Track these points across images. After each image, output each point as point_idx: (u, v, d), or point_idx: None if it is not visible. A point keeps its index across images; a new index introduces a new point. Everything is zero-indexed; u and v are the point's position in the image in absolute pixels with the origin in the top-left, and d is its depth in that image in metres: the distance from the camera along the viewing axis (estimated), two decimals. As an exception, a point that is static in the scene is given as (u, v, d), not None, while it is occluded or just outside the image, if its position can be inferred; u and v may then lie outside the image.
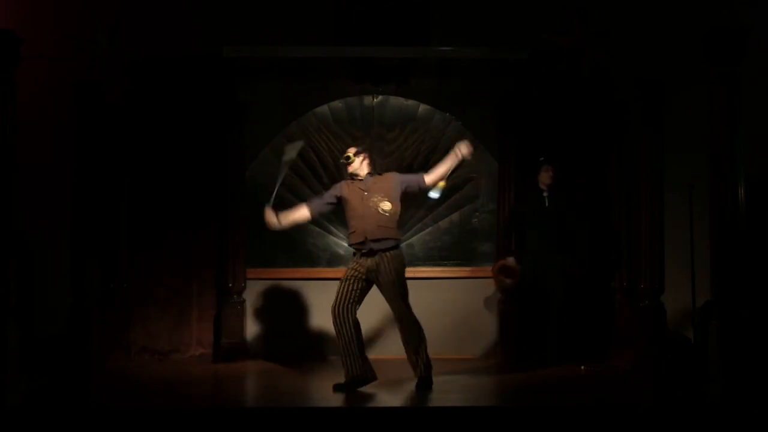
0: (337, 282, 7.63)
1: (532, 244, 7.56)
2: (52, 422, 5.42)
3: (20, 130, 6.20)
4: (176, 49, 7.86)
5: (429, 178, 6.41)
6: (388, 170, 6.77)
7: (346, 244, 8.10)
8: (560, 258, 7.47)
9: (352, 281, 6.32)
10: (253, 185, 8.07)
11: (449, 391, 6.39)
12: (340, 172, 8.13)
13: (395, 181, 6.44)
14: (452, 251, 8.18)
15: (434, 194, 6.38)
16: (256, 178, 8.09)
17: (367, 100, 8.23)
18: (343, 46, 7.96)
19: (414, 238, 8.19)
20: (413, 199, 6.94)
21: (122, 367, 7.38)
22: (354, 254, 6.48)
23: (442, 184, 6.35)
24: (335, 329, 6.31)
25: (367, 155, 6.51)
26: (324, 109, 8.19)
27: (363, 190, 6.39)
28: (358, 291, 6.33)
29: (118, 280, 7.71)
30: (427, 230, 8.20)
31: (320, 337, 7.98)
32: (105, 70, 7.56)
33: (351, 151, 6.51)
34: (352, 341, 6.27)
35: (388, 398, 6.30)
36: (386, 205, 6.33)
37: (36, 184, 7.45)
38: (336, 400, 6.21)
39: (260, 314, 8.02)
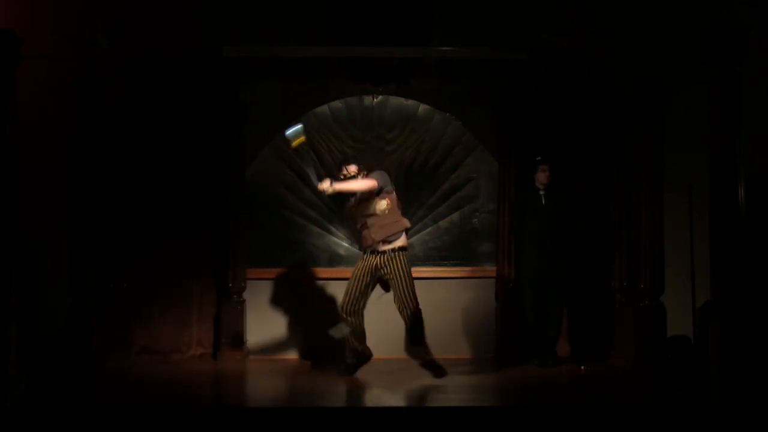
0: (334, 281, 7.74)
1: (530, 244, 7.57)
2: (52, 422, 5.42)
3: (20, 130, 6.20)
4: (176, 49, 7.86)
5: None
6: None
7: (346, 244, 8.12)
8: (558, 257, 7.48)
9: None
10: (253, 185, 8.07)
11: (449, 391, 6.40)
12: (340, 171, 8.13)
13: None
14: (452, 251, 8.17)
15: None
16: (256, 178, 8.10)
17: (367, 100, 8.22)
18: (343, 46, 7.96)
19: (414, 238, 8.18)
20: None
21: (122, 367, 7.37)
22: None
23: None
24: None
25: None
26: (324, 109, 8.18)
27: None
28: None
29: (118, 280, 7.71)
30: (427, 230, 8.19)
31: (320, 337, 7.98)
32: (105, 70, 7.56)
33: (353, 170, 6.88)
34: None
35: (388, 398, 6.30)
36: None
37: (36, 184, 7.45)
38: (336, 400, 6.21)
39: (260, 314, 8.01)
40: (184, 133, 7.93)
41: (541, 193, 7.57)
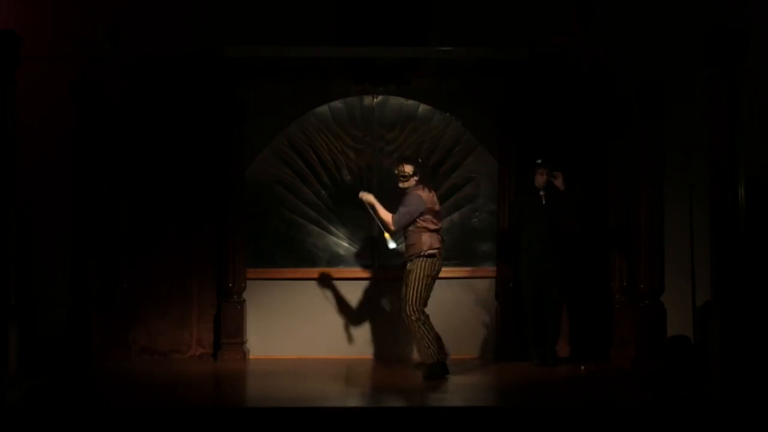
0: (336, 282, 7.72)
1: (529, 244, 7.56)
2: (52, 422, 5.42)
3: (20, 130, 6.20)
4: (176, 49, 7.87)
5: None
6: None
7: (345, 244, 8.12)
8: (558, 257, 7.48)
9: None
10: (253, 185, 8.07)
11: (449, 391, 6.40)
12: (339, 172, 8.14)
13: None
14: (452, 251, 8.14)
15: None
16: (256, 178, 8.10)
17: (367, 100, 8.23)
18: (343, 46, 7.96)
19: (414, 238, 8.18)
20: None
21: (122, 367, 7.38)
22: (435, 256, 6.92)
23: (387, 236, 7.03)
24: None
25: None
26: (324, 109, 8.18)
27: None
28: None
29: (118, 280, 7.72)
30: (427, 230, 8.19)
31: (320, 336, 7.98)
32: (105, 70, 7.56)
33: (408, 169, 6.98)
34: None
35: (388, 398, 6.30)
36: None
37: (36, 185, 7.45)
38: (336, 400, 6.21)
39: (260, 314, 8.01)
40: (184, 133, 7.93)
41: (541, 193, 7.57)
